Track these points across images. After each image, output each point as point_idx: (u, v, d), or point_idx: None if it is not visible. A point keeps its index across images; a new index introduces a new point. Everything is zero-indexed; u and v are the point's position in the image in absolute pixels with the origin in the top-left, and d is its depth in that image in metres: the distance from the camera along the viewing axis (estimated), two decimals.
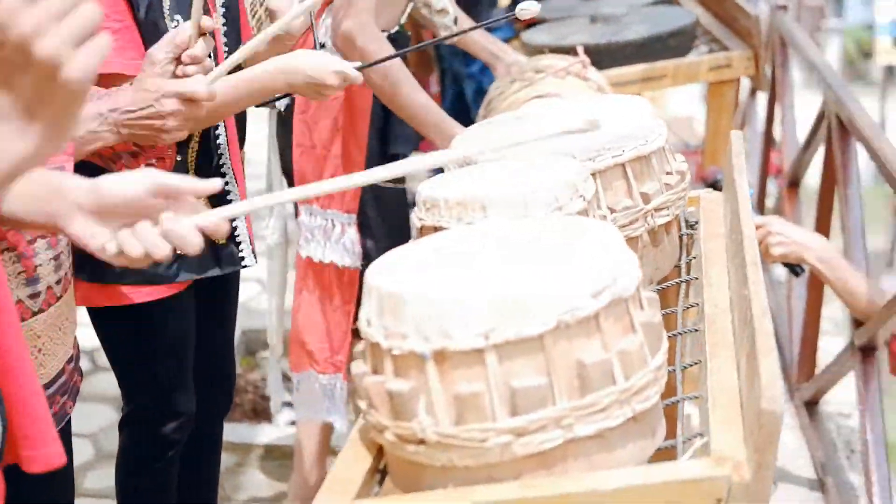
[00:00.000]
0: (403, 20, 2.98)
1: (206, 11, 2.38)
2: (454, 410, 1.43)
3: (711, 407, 1.53)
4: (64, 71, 1.06)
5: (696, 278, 2.08)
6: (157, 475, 2.51)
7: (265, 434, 3.95)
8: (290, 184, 3.02)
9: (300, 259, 2.96)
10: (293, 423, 4.16)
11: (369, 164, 2.87)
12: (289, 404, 4.21)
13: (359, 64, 2.41)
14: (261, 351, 4.44)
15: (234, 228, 2.50)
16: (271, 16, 2.51)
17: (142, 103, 1.96)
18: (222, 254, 2.47)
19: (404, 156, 3.09)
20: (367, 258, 2.96)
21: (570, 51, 3.65)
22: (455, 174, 2.02)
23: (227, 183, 2.48)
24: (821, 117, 4.10)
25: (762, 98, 5.78)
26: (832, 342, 4.66)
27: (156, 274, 2.35)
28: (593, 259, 1.48)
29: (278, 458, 3.83)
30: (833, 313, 5.18)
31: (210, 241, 2.45)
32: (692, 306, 2.00)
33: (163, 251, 1.44)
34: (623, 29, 4.04)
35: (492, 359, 1.41)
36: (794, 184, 4.82)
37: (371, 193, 2.93)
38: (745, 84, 5.41)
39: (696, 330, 1.87)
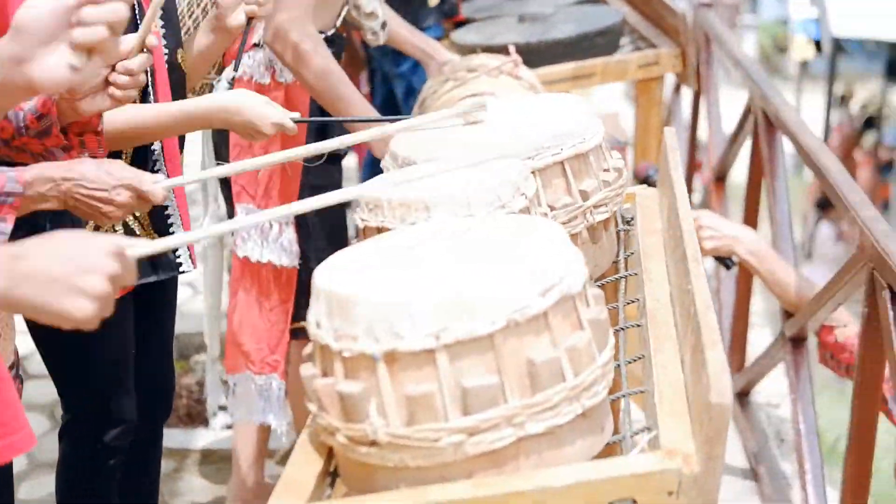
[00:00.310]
0: (339, 23, 2.97)
1: (143, 12, 2.36)
2: (406, 411, 1.44)
3: (658, 401, 1.55)
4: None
5: (636, 274, 2.10)
6: (99, 483, 2.49)
7: (202, 438, 3.92)
8: (226, 184, 3.00)
9: (236, 259, 2.94)
10: (229, 426, 4.13)
11: (310, 162, 2.87)
12: (224, 408, 4.19)
13: (297, 116, 2.41)
14: (194, 355, 4.40)
15: (172, 234, 2.48)
16: (217, 5, 2.50)
17: (98, 184, 1.97)
18: (159, 260, 2.46)
19: (343, 155, 3.09)
20: (305, 258, 2.96)
21: (501, 50, 3.66)
22: (395, 174, 2.02)
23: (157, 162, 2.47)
24: (747, 112, 4.16)
25: (687, 94, 5.85)
26: (759, 334, 4.74)
27: None
28: (540, 257, 1.50)
29: (215, 462, 3.80)
30: (758, 306, 5.26)
31: None
32: (633, 302, 2.02)
33: (119, 9, 1.40)
34: (552, 28, 4.07)
35: (443, 359, 1.42)
36: (720, 178, 4.89)
37: (308, 194, 2.92)
38: (669, 81, 5.48)
39: (639, 325, 1.89)
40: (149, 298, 2.55)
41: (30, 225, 2.06)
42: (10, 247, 1.33)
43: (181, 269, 2.52)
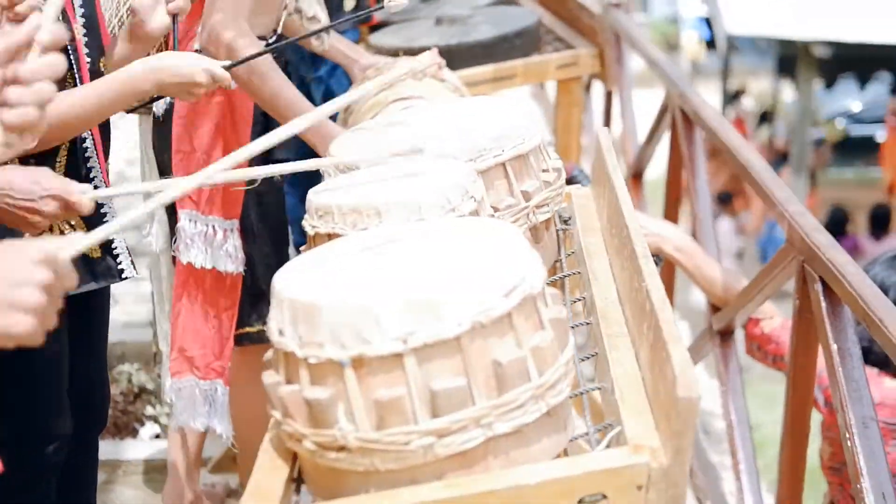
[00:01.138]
0: (280, 28, 2.96)
1: (67, 20, 2.33)
2: (375, 415, 1.44)
3: (620, 397, 1.58)
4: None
5: (579, 273, 2.13)
6: (35, 500, 2.44)
7: (131, 449, 3.88)
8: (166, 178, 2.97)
9: (180, 265, 2.91)
10: (157, 436, 4.10)
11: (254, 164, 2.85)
12: (151, 418, 4.15)
13: (227, 63, 2.41)
14: (117, 365, 4.35)
15: (111, 241, 2.45)
16: (132, 13, 2.47)
17: (26, 194, 1.94)
18: (98, 267, 2.42)
19: (286, 160, 3.07)
20: (250, 263, 2.94)
21: (421, 53, 3.68)
22: (340, 180, 2.02)
23: (91, 168, 2.44)
24: (664, 110, 4.23)
25: (598, 93, 5.93)
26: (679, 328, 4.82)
27: None
28: (501, 259, 1.51)
29: (147, 472, 3.76)
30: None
31: (84, 255, 2.41)
32: (579, 300, 2.05)
33: (47, 90, 1.33)
34: (470, 30, 4.10)
35: (411, 362, 1.43)
36: (637, 175, 4.96)
37: (253, 199, 2.91)
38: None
39: (588, 323, 1.92)
40: (83, 308, 2.51)
41: None
42: None
43: (124, 276, 2.49)
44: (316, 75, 4.56)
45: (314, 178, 2.77)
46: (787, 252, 2.69)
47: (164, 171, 2.98)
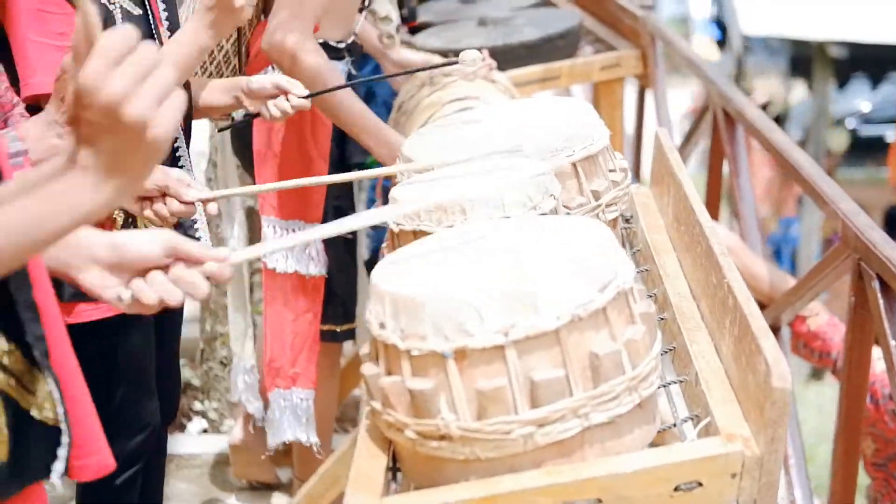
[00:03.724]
0: (356, 29, 3.01)
1: (155, 24, 2.40)
2: (476, 405, 1.50)
3: (706, 388, 1.63)
4: (149, 132, 1.11)
5: (648, 270, 2.18)
6: (122, 490, 2.50)
7: (181, 444, 3.94)
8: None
9: (265, 270, 2.97)
10: (205, 430, 4.17)
11: (331, 172, 2.94)
12: (199, 413, 4.22)
13: (306, 93, 2.46)
14: None
15: (198, 239, 2.51)
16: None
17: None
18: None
19: (361, 164, 3.14)
20: (329, 265, 3.00)
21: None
22: (421, 179, 2.08)
23: (184, 168, 2.51)
24: (703, 110, 4.27)
25: (630, 94, 5.96)
26: None
27: None
28: (594, 254, 1.57)
29: (198, 466, 3.83)
30: None
31: None
32: (651, 296, 2.10)
33: (176, 298, 1.47)
34: (514, 31, 4.15)
35: (512, 354, 1.48)
36: None
37: (330, 202, 2.97)
38: None
39: (663, 318, 1.97)
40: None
41: None
42: None
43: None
44: (361, 74, 4.62)
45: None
46: (840, 250, 2.74)
47: (247, 168, 3.04)
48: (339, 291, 3.15)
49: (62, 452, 1.44)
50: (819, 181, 2.94)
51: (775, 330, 3.39)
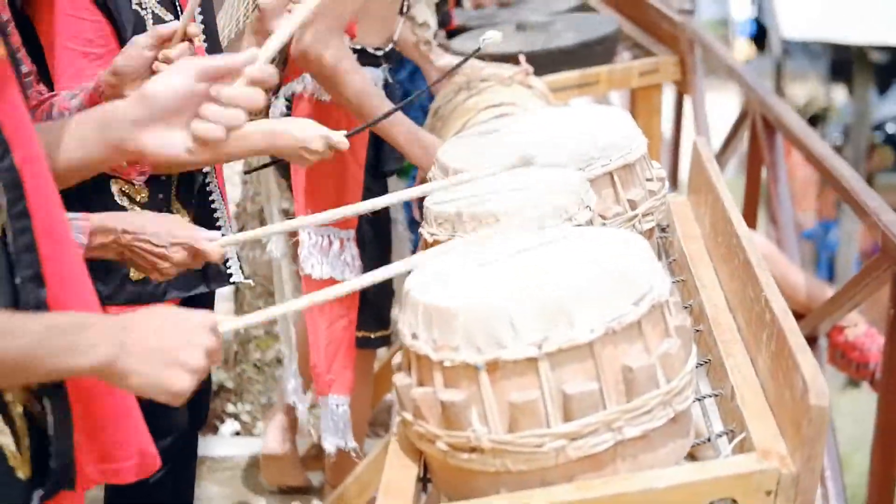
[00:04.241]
0: (396, 36, 3.01)
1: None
2: (508, 418, 1.49)
3: (741, 403, 1.61)
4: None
5: (684, 280, 2.16)
6: (151, 492, 2.51)
7: (214, 446, 3.95)
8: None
9: (303, 276, 2.97)
10: (237, 433, 4.18)
11: (366, 178, 2.95)
12: (231, 415, 4.23)
13: (344, 132, 2.44)
14: None
15: (229, 269, 2.52)
16: (259, 10, 2.54)
17: (157, 239, 2.00)
18: (209, 271, 2.48)
19: (393, 172, 3.14)
20: (364, 272, 3.00)
21: (506, 58, 3.72)
22: (455, 188, 2.06)
23: (213, 201, 2.51)
24: (743, 116, 4.24)
25: (668, 99, 5.93)
26: None
27: (143, 293, 2.35)
28: (629, 267, 1.55)
29: (231, 468, 3.84)
30: None
31: None
32: (687, 307, 2.08)
33: (240, 118, 1.43)
34: (553, 36, 4.13)
35: (545, 367, 1.47)
36: None
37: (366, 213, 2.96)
38: None
39: (699, 330, 1.95)
40: (193, 308, 2.57)
41: None
42: (117, 317, 1.37)
43: (232, 280, 2.55)
44: (396, 79, 4.61)
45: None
46: (880, 261, 2.71)
47: (283, 174, 3.05)
48: (374, 298, 3.14)
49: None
50: (860, 191, 2.91)
51: (812, 340, 3.36)
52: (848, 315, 3.20)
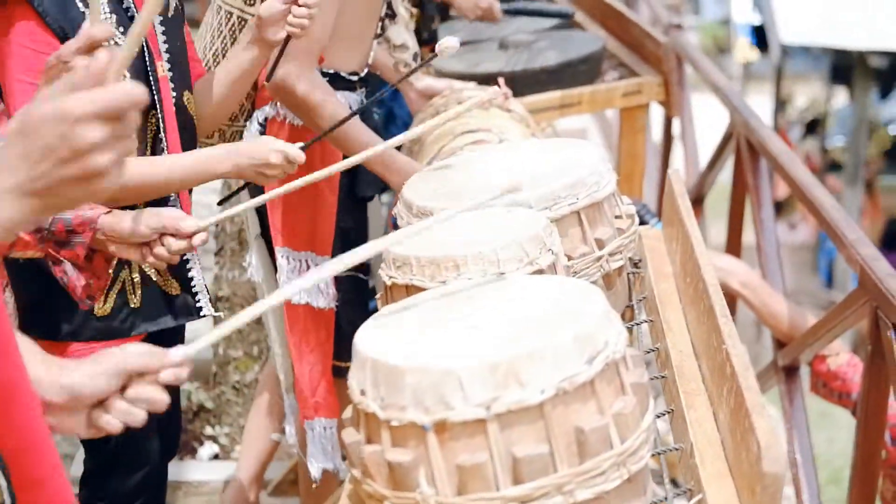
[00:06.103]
0: (371, 60, 2.97)
1: (151, 58, 2.35)
2: (456, 480, 1.44)
3: (700, 462, 1.57)
4: (101, 181, 1.08)
5: (652, 321, 2.12)
6: None
7: (191, 470, 3.92)
8: (262, 217, 3.00)
9: (286, 303, 2.93)
10: (216, 456, 4.13)
11: (340, 205, 2.92)
12: (210, 437, 4.18)
13: (301, 144, 2.42)
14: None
15: (191, 279, 2.47)
16: (259, 19, 2.50)
17: (134, 238, 2.06)
18: (177, 304, 2.44)
19: (371, 197, 3.10)
20: (339, 299, 2.97)
21: (486, 78, 3.68)
22: (414, 227, 2.02)
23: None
24: (727, 137, 4.20)
25: (657, 118, 5.89)
26: None
27: (110, 328, 2.32)
28: (584, 324, 1.50)
29: (208, 493, 3.80)
30: None
31: (163, 291, 2.44)
32: (653, 350, 2.04)
33: (140, 418, 1.43)
34: (536, 55, 4.08)
35: (493, 428, 1.43)
36: (697, 201, 4.92)
37: (339, 236, 2.92)
38: None
39: (664, 377, 1.91)
40: (163, 342, 2.53)
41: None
42: None
43: (202, 314, 2.51)
44: (381, 100, 4.57)
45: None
46: (858, 295, 2.67)
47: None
48: (348, 329, 3.10)
49: None
50: (840, 223, 2.87)
51: (794, 369, 3.32)
52: (831, 345, 3.15)
